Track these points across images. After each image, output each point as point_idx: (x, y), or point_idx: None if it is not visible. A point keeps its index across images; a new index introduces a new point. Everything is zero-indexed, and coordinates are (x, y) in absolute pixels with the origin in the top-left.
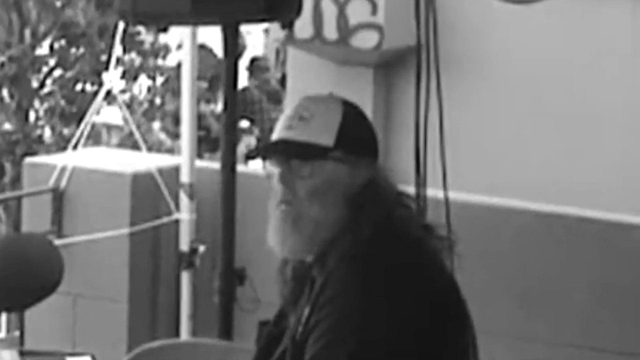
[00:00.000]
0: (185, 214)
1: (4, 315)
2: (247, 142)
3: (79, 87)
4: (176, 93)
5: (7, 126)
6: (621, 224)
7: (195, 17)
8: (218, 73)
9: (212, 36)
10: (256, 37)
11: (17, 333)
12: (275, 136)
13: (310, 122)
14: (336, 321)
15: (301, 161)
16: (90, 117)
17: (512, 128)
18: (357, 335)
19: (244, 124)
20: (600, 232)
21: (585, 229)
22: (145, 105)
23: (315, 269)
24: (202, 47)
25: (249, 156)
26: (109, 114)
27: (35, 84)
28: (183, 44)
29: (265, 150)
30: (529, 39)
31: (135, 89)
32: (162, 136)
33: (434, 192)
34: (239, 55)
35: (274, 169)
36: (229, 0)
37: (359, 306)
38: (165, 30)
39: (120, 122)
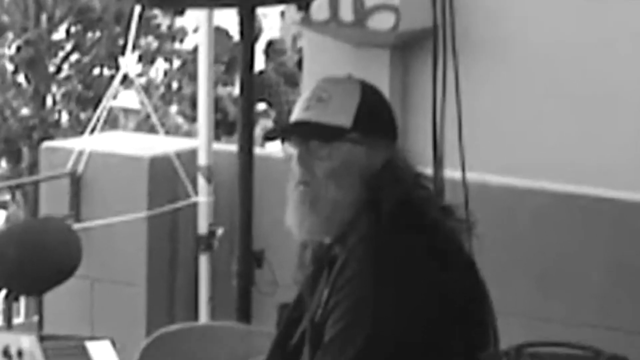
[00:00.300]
0: (203, 197)
1: (22, 300)
2: (264, 125)
3: (95, 71)
4: (193, 76)
5: (24, 111)
6: (637, 204)
7: (212, 0)
8: (234, 56)
9: (228, 19)
10: (272, 20)
11: (35, 318)
12: (293, 117)
13: (328, 104)
14: (354, 303)
15: (319, 142)
16: (107, 102)
17: (528, 109)
18: (373, 316)
19: (261, 106)
20: (616, 212)
21: (601, 209)
22: (162, 89)
23: (336, 250)
24: (219, 29)
25: (267, 137)
26: (126, 98)
27: (52, 69)
28: (199, 27)
29: (283, 131)
30: (545, 20)
31: (152, 72)
32: (179, 119)
33: (451, 173)
34: (255, 38)
35: (292, 150)
36: None
37: (374, 288)
38: (181, 13)
39: (137, 106)
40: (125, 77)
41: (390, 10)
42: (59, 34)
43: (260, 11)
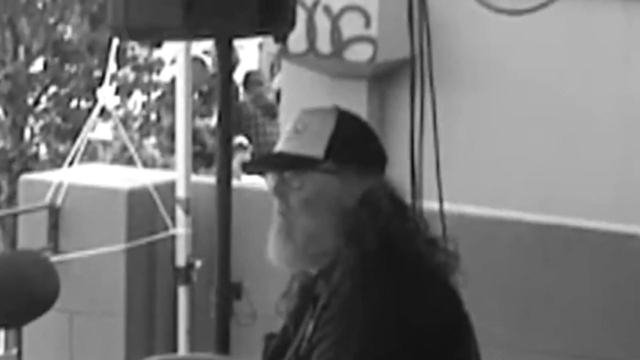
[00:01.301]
0: (181, 229)
1: (1, 333)
2: (242, 158)
3: (73, 104)
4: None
5: (2, 144)
6: (616, 234)
7: (188, 31)
8: (212, 87)
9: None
10: (250, 51)
11: (14, 351)
12: (274, 150)
13: (303, 134)
14: (338, 338)
15: (292, 173)
16: (85, 134)
17: (506, 138)
18: (357, 352)
19: (240, 139)
20: (595, 243)
21: (580, 240)
22: (140, 120)
23: (320, 284)
24: (195, 59)
25: (244, 169)
26: (104, 131)
27: (30, 101)
28: (177, 58)
29: (258, 163)
30: (521, 49)
31: (130, 104)
32: (154, 152)
33: (429, 204)
34: (232, 69)
35: (270, 182)
36: (222, 14)
37: (361, 325)
38: (159, 45)
39: (113, 138)
40: (103, 110)
41: (368, 41)
42: (37, 67)
43: (237, 42)
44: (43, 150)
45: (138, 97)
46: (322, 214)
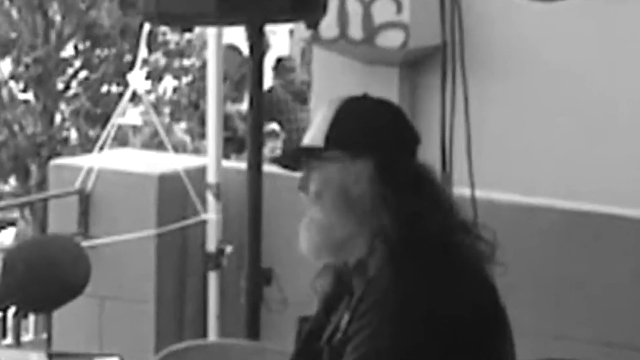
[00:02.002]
0: (212, 215)
1: (31, 318)
2: (273, 146)
3: (104, 88)
4: (202, 93)
5: (32, 128)
6: None
7: (220, 18)
8: (244, 73)
9: (238, 35)
10: (281, 37)
11: (44, 335)
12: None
13: (312, 127)
14: (373, 331)
15: (305, 166)
16: (116, 119)
17: (537, 126)
18: (392, 345)
19: (272, 126)
20: (626, 229)
21: (611, 227)
22: (171, 106)
23: (356, 276)
24: (231, 46)
25: (273, 161)
26: (135, 116)
27: (60, 86)
28: (208, 44)
29: (281, 159)
30: (553, 38)
31: (161, 89)
32: (185, 137)
33: (459, 190)
34: (263, 55)
35: None
36: (254, 0)
37: (393, 318)
38: (190, 30)
39: (144, 122)
40: (134, 94)
41: (400, 27)
42: (67, 51)
43: (268, 28)
44: (73, 135)
45: (169, 82)
46: (328, 203)
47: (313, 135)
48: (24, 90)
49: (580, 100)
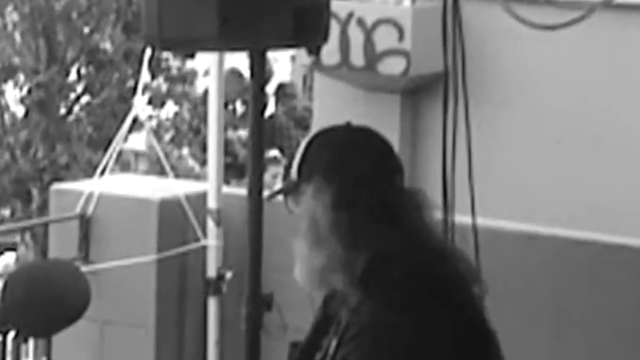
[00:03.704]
0: (212, 240)
1: (31, 342)
2: (275, 172)
3: (106, 113)
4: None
5: (34, 152)
6: None
7: (222, 43)
8: (245, 99)
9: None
10: (283, 63)
11: (44, 359)
12: None
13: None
14: (361, 357)
15: (286, 200)
16: (117, 144)
17: (539, 154)
18: None
19: (273, 152)
20: (627, 258)
21: (612, 255)
22: (172, 131)
23: (340, 303)
24: (234, 70)
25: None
26: (137, 141)
27: (62, 110)
28: (210, 70)
29: (271, 197)
30: (555, 66)
31: (163, 115)
32: (192, 162)
33: (461, 218)
34: (266, 81)
35: None
36: (256, 26)
37: (381, 344)
38: (192, 56)
39: (146, 148)
40: (135, 120)
41: (401, 55)
42: (70, 76)
43: (271, 55)
44: (75, 160)
45: (171, 107)
46: (304, 236)
47: (293, 170)
48: (27, 115)
49: (582, 126)
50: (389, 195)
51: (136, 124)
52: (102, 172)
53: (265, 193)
